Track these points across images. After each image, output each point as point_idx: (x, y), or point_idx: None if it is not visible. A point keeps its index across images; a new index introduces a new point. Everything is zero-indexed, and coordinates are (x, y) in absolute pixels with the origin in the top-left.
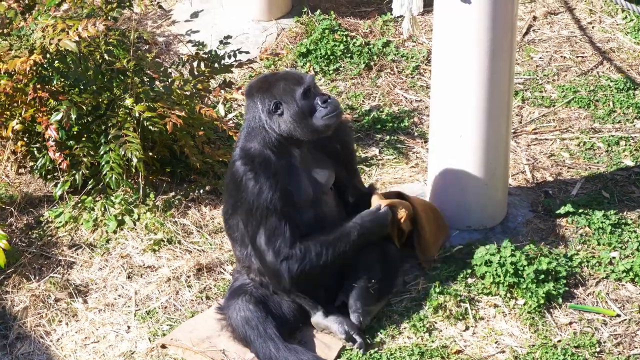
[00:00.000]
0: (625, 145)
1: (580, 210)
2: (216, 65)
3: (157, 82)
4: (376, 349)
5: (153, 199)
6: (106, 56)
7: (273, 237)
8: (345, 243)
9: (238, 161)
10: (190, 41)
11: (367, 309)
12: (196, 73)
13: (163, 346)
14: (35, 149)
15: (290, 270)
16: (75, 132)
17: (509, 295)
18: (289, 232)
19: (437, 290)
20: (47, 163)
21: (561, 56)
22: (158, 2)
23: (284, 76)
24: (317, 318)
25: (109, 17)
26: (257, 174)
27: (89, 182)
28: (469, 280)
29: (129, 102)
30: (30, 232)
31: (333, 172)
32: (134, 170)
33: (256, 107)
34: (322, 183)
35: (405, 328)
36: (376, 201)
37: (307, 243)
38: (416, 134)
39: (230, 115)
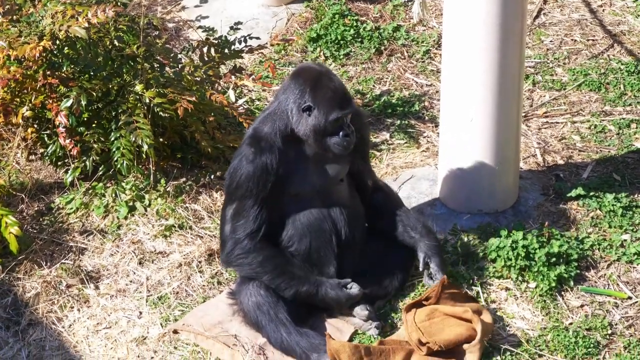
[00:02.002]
0: (636, 127)
1: (592, 193)
2: (226, 51)
3: (167, 68)
4: (388, 332)
5: (164, 184)
6: (116, 42)
7: (238, 215)
8: (289, 285)
9: (246, 141)
10: (200, 27)
11: (382, 302)
12: (206, 59)
13: (175, 331)
14: (45, 135)
15: (231, 253)
16: (85, 119)
17: (520, 278)
18: (256, 221)
19: (448, 273)
20: (58, 149)
21: (572, 39)
22: None
23: (335, 89)
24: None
25: (119, 3)
26: (257, 156)
27: (100, 169)
28: (481, 264)
29: (139, 88)
30: (41, 219)
31: (347, 164)
32: (144, 156)
33: (293, 93)
34: (332, 175)
35: None
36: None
37: (263, 249)
38: (427, 118)
39: (240, 101)
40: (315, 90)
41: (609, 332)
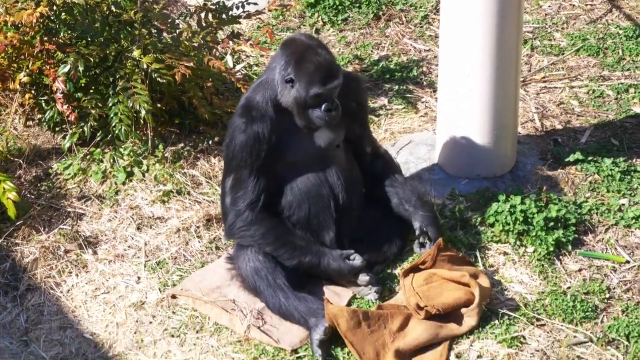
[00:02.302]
0: (635, 92)
1: (590, 158)
2: (224, 16)
3: (164, 34)
4: (386, 297)
5: (162, 150)
6: (113, 8)
7: (237, 186)
8: (292, 255)
9: (238, 111)
10: None
11: (380, 267)
12: (204, 24)
13: (173, 296)
14: (43, 101)
15: (233, 225)
16: (83, 84)
17: (518, 242)
18: (254, 191)
19: (446, 238)
20: (55, 115)
21: (570, 4)
22: None
23: (319, 64)
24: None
25: None
26: (249, 126)
27: (98, 134)
28: (479, 229)
29: (136, 53)
30: (39, 184)
31: (342, 130)
32: (142, 122)
33: (279, 64)
34: (327, 142)
35: None
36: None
37: (264, 220)
38: (425, 83)
39: (238, 67)
40: (300, 62)
41: (607, 296)
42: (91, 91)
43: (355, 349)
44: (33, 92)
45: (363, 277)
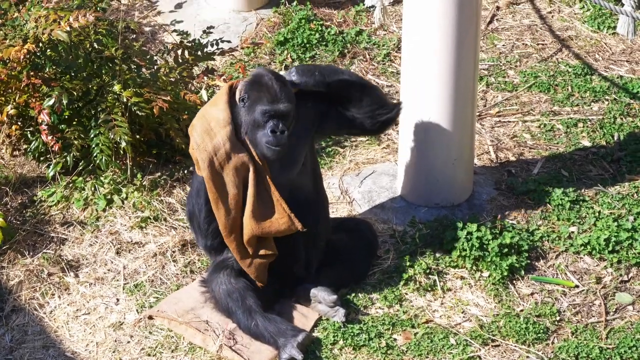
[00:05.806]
0: (583, 127)
1: (541, 188)
2: (199, 53)
3: (143, 69)
4: (353, 318)
5: (140, 179)
6: (96, 45)
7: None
8: None
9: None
10: (174, 31)
11: (346, 289)
12: (180, 61)
13: (150, 317)
14: (28, 132)
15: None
16: (66, 117)
17: (474, 267)
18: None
19: (407, 263)
20: (40, 146)
21: (523, 43)
22: None
23: (269, 88)
24: (308, 286)
25: (98, 9)
26: None
27: (80, 164)
28: (437, 254)
29: (117, 88)
30: (24, 211)
31: (301, 157)
32: (122, 152)
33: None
34: (289, 168)
35: (377, 299)
36: None
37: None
38: None
39: None
40: (254, 82)
41: (558, 318)
42: (74, 123)
43: None
44: (19, 123)
45: (328, 298)
